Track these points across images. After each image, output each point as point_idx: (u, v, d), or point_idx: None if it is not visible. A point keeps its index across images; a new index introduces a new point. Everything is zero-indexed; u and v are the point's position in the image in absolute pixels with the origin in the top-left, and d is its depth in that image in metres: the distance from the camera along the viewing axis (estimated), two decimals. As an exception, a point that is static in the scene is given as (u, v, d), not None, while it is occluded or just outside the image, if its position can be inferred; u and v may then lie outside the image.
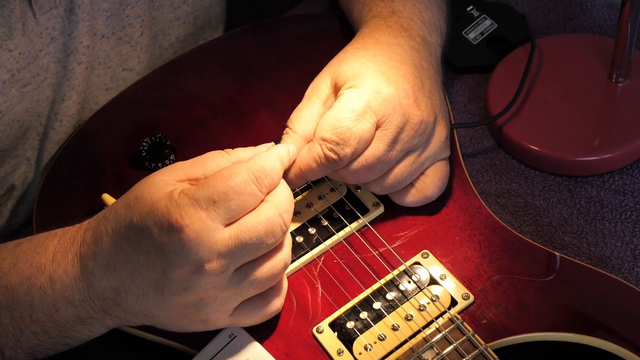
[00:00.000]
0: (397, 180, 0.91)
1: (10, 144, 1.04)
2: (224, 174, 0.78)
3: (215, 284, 0.78)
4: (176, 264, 0.77)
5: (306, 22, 1.19)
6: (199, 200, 0.76)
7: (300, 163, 0.88)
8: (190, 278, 0.77)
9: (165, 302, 0.80)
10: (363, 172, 0.88)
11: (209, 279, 0.78)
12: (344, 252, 0.92)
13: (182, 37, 1.18)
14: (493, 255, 0.90)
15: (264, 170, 0.80)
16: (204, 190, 0.76)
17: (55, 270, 0.82)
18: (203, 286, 0.78)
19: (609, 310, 0.86)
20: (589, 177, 1.01)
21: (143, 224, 0.77)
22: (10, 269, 0.84)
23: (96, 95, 1.11)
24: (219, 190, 0.76)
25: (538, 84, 1.08)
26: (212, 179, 0.77)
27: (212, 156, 0.83)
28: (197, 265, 0.77)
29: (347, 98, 0.88)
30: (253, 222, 0.78)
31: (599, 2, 1.19)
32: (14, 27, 0.96)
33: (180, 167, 0.82)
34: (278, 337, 0.86)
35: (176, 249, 0.76)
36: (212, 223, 0.76)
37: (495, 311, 0.86)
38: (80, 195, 1.01)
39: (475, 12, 1.18)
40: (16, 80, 0.99)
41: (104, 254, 0.80)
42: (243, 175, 0.78)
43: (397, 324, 0.85)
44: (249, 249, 0.78)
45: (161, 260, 0.77)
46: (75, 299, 0.82)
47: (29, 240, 0.86)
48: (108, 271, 0.80)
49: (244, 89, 1.08)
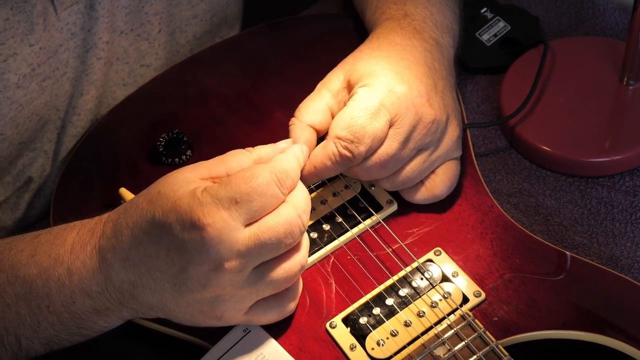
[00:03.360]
0: (408, 178, 0.92)
1: (29, 137, 1.05)
2: (246, 174, 0.78)
3: (233, 282, 0.79)
4: (196, 261, 0.78)
5: (322, 22, 1.19)
6: (222, 199, 0.77)
7: (314, 161, 0.89)
8: (209, 275, 0.78)
9: (181, 298, 0.81)
10: (376, 169, 0.89)
11: (227, 277, 0.78)
12: (358, 249, 0.93)
13: (199, 34, 1.19)
14: (505, 254, 0.91)
15: (286, 172, 0.81)
16: (227, 189, 0.77)
17: (73, 262, 0.83)
18: (221, 284, 0.79)
19: (619, 309, 0.87)
20: (599, 177, 1.02)
21: (165, 220, 0.78)
22: (29, 261, 0.84)
23: (114, 90, 1.12)
24: (242, 191, 0.77)
25: (550, 86, 1.09)
26: (235, 178, 0.78)
27: (234, 154, 0.84)
28: (216, 264, 0.78)
29: (361, 96, 0.89)
30: (273, 223, 0.79)
31: (610, 6, 1.20)
32: (35, 22, 0.97)
33: (203, 165, 0.82)
34: (291, 331, 0.87)
35: (197, 247, 0.77)
36: (233, 222, 0.77)
37: (507, 309, 0.87)
38: (97, 189, 1.02)
39: (489, 14, 1.19)
40: (36, 75, 1.00)
41: (123, 247, 0.80)
42: (266, 176, 0.79)
43: (409, 320, 0.86)
44: (267, 248, 0.79)
45: (181, 257, 0.78)
46: (92, 291, 0.82)
47: (47, 232, 0.87)
48: (127, 264, 0.81)
49: (260, 87, 1.09)
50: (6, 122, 1.00)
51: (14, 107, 1.00)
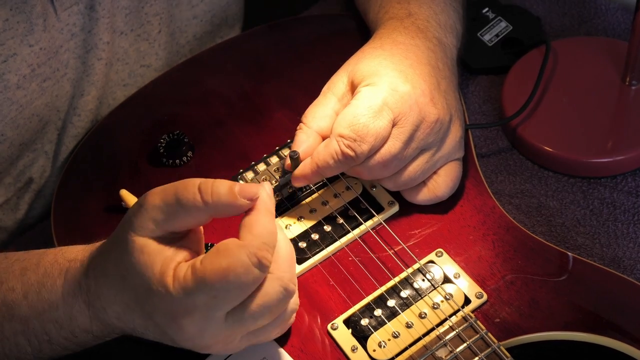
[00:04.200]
0: (410, 178, 0.92)
1: (29, 138, 1.05)
2: (222, 266, 0.73)
3: (225, 348, 0.79)
4: (182, 342, 0.78)
5: (323, 22, 1.19)
6: (197, 296, 0.74)
7: (317, 159, 0.89)
8: (200, 347, 0.79)
9: (178, 344, 0.80)
10: (378, 168, 0.89)
11: (216, 347, 0.79)
12: (359, 250, 0.92)
13: (199, 35, 1.19)
14: (507, 255, 0.91)
15: (265, 244, 0.75)
16: (201, 286, 0.73)
17: (68, 309, 0.82)
18: (213, 349, 0.79)
19: (621, 311, 0.87)
20: (602, 178, 1.02)
21: (143, 306, 0.77)
22: (22, 302, 0.83)
23: (114, 91, 1.12)
24: (217, 288, 0.73)
25: (552, 86, 1.09)
26: (210, 271, 0.73)
27: (187, 207, 0.76)
28: (203, 345, 0.78)
29: (364, 95, 0.89)
30: (257, 307, 0.76)
31: (613, 6, 1.19)
32: (35, 22, 0.97)
33: (151, 222, 0.76)
34: (293, 334, 0.87)
35: (180, 337, 0.77)
36: (213, 316, 0.75)
37: (509, 310, 0.87)
38: (97, 190, 1.02)
39: (490, 14, 1.19)
40: (36, 75, 1.00)
41: (113, 313, 0.80)
42: (244, 262, 0.73)
43: (411, 322, 0.86)
44: (254, 325, 0.78)
45: (169, 336, 0.78)
46: (93, 330, 0.82)
47: (34, 269, 0.84)
48: (121, 321, 0.80)
49: (261, 88, 1.09)
50: (6, 122, 1.00)
51: (14, 108, 1.00)
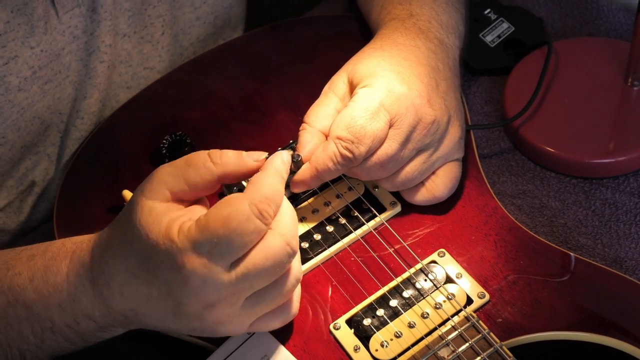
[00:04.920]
0: (407, 179, 0.92)
1: (32, 141, 1.05)
2: (223, 214, 0.75)
3: (229, 312, 0.79)
4: (186, 302, 0.77)
5: (325, 23, 1.19)
6: (201, 245, 0.74)
7: (316, 163, 0.89)
8: (203, 312, 0.78)
9: (183, 323, 0.80)
10: (376, 169, 0.89)
11: (221, 311, 0.78)
12: (361, 250, 0.92)
13: (202, 36, 1.19)
14: (509, 255, 0.91)
15: (267, 198, 0.77)
16: (205, 234, 0.74)
17: (72, 291, 0.82)
18: (217, 316, 0.78)
19: (623, 311, 0.87)
20: (604, 179, 1.02)
21: (149, 265, 0.77)
22: (27, 286, 0.83)
23: (117, 93, 1.12)
24: (220, 235, 0.74)
25: (554, 87, 1.09)
26: (212, 220, 0.75)
27: (196, 167, 0.79)
28: (206, 304, 0.77)
29: (361, 97, 0.89)
30: (260, 259, 0.76)
31: (615, 7, 1.19)
32: (36, 25, 0.97)
33: (162, 183, 0.79)
34: (295, 333, 0.87)
35: (184, 292, 0.76)
36: (216, 267, 0.75)
37: (511, 310, 0.86)
38: (100, 192, 1.02)
39: (492, 15, 1.19)
40: (38, 78, 1.00)
41: (116, 285, 0.80)
42: (245, 212, 0.75)
43: (413, 322, 0.86)
44: (257, 282, 0.78)
45: (173, 297, 0.77)
46: (95, 315, 0.82)
47: (42, 254, 0.85)
48: (124, 299, 0.80)
49: (264, 89, 1.09)
50: (8, 125, 1.00)
51: (15, 110, 1.00)
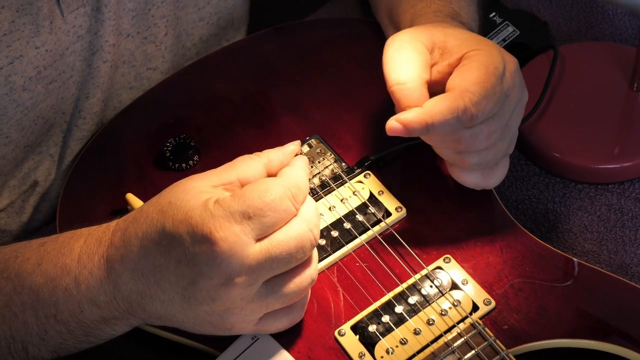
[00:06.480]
0: (494, 157, 0.89)
1: (35, 140, 1.05)
2: (260, 188, 0.78)
3: (243, 296, 0.79)
4: (206, 274, 0.77)
5: (330, 26, 1.19)
6: (234, 213, 0.76)
7: (432, 111, 0.83)
8: (219, 289, 0.78)
9: (190, 310, 0.80)
10: (483, 137, 0.86)
11: (237, 291, 0.78)
12: (366, 256, 0.92)
13: (205, 37, 1.19)
14: (514, 261, 0.90)
15: (298, 186, 0.80)
16: (240, 203, 0.76)
17: (80, 271, 0.82)
18: (230, 297, 0.78)
19: (630, 318, 0.86)
20: (609, 184, 1.02)
21: (175, 232, 0.77)
22: (35, 270, 0.84)
23: (120, 93, 1.12)
24: (255, 205, 0.76)
25: (559, 92, 1.08)
26: (249, 192, 0.77)
27: (244, 159, 0.83)
28: (226, 278, 0.77)
29: (482, 60, 0.86)
30: (284, 237, 0.78)
31: (620, 11, 1.19)
32: (41, 24, 0.97)
33: (213, 172, 0.82)
34: (300, 339, 0.87)
35: (208, 260, 0.76)
36: (245, 237, 0.76)
37: (517, 317, 0.86)
38: (103, 193, 1.01)
39: (497, 18, 1.18)
40: (42, 77, 1.00)
41: (132, 257, 0.80)
42: (279, 191, 0.78)
43: (418, 328, 0.86)
44: (278, 263, 0.78)
45: (191, 269, 0.77)
46: (100, 300, 0.82)
47: (54, 240, 0.86)
48: (135, 275, 0.80)
49: (268, 91, 1.09)
50: (12, 125, 1.00)
51: (19, 110, 0.99)
